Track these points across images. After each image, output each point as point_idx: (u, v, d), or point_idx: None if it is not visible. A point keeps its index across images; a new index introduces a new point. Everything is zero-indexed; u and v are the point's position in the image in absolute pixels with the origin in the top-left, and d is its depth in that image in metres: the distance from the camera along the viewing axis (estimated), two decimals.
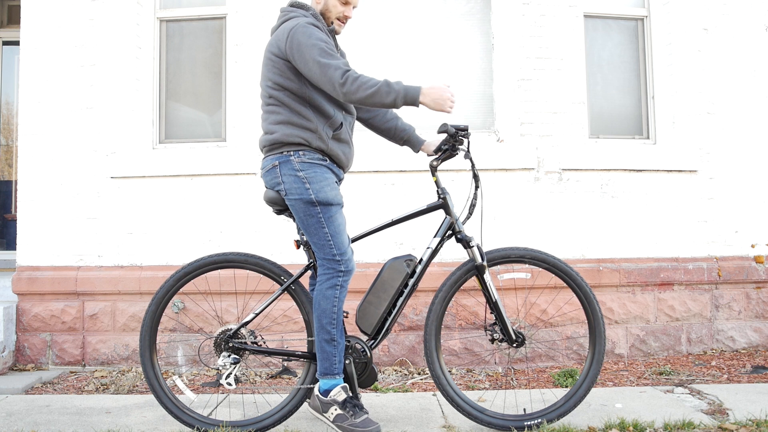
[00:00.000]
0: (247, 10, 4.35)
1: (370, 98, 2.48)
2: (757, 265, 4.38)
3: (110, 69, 4.34)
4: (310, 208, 2.64)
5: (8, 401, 3.41)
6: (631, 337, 4.25)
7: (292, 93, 2.65)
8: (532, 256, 2.80)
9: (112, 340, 4.21)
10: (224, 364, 2.72)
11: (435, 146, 2.87)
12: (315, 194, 2.63)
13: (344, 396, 2.65)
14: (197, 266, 2.80)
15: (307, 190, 2.63)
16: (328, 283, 2.65)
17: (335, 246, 2.65)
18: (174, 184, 4.29)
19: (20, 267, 4.30)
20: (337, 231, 2.66)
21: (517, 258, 2.81)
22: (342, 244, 2.66)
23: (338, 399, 2.64)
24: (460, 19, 4.54)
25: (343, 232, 2.68)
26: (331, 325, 2.63)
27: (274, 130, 2.68)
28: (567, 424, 2.76)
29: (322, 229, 2.64)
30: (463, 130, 2.73)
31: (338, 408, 2.63)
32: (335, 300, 2.64)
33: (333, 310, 2.64)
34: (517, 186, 4.30)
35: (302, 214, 2.66)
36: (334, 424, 2.65)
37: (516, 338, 2.78)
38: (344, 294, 2.67)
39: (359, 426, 2.60)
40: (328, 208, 2.65)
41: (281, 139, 2.66)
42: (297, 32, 2.57)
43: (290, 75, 2.63)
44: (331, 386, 2.67)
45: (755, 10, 4.51)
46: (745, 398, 3.22)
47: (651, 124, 4.57)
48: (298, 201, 2.65)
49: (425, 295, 4.10)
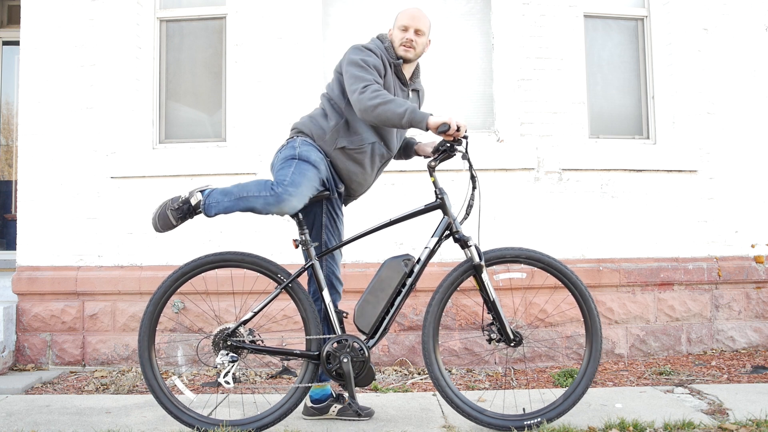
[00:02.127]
0: (247, 10, 4.35)
1: (382, 106, 2.61)
2: (757, 265, 4.38)
3: (110, 69, 4.34)
4: (288, 159, 2.76)
5: (8, 401, 3.41)
6: (631, 337, 4.25)
7: (332, 101, 2.88)
8: (527, 255, 2.80)
9: (112, 340, 4.21)
10: (222, 363, 2.72)
11: (431, 147, 2.89)
12: (299, 154, 2.76)
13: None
14: (194, 266, 2.79)
15: (294, 150, 2.79)
16: (264, 185, 2.70)
17: (289, 176, 2.67)
18: (174, 184, 4.28)
19: (20, 267, 4.30)
20: (299, 173, 2.69)
21: (513, 258, 2.81)
22: (296, 184, 2.66)
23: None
24: (460, 19, 4.54)
25: (303, 183, 2.69)
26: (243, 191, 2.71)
27: (301, 121, 2.95)
28: (567, 424, 2.76)
29: (289, 168, 2.72)
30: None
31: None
32: (257, 196, 2.68)
33: (248, 191, 2.71)
34: (517, 186, 4.30)
35: (278, 163, 2.78)
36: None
37: (514, 338, 2.77)
38: (258, 203, 2.68)
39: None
40: (304, 162, 2.73)
41: (298, 126, 2.93)
42: (349, 50, 2.83)
43: (336, 87, 2.88)
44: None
45: (755, 10, 4.51)
46: (745, 398, 3.21)
47: (651, 124, 4.57)
48: (279, 156, 2.83)
49: (425, 294, 4.10)
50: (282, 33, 4.32)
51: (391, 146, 2.94)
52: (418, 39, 2.85)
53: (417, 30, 2.84)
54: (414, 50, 2.86)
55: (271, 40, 4.32)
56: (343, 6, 4.51)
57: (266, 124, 4.29)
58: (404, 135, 3.07)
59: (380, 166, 2.97)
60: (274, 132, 4.28)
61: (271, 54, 4.31)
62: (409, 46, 2.84)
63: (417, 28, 2.84)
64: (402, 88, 2.93)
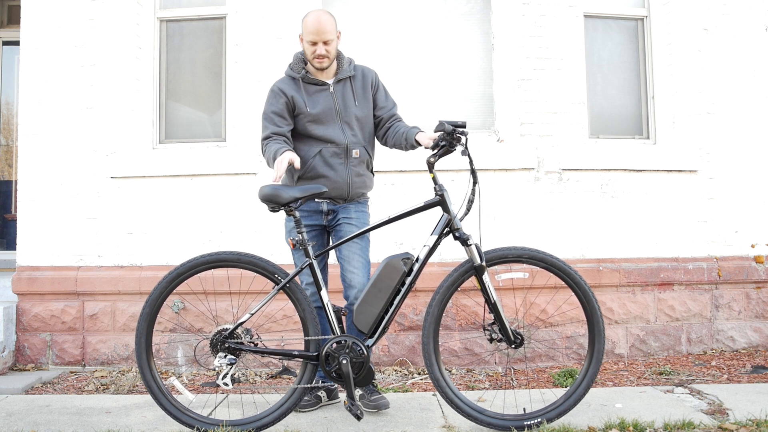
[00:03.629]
0: (247, 10, 4.35)
1: (265, 156, 2.98)
2: (757, 265, 4.38)
3: (110, 69, 4.34)
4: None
5: (8, 401, 3.41)
6: (631, 337, 4.25)
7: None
8: (530, 255, 2.79)
9: (112, 340, 4.21)
10: (220, 365, 2.70)
11: (431, 140, 2.84)
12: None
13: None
14: (189, 267, 2.77)
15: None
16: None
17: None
18: (174, 184, 4.29)
19: (20, 267, 4.30)
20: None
21: (515, 258, 2.79)
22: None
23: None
24: (460, 19, 4.54)
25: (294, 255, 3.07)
26: None
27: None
28: (567, 424, 2.76)
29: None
30: (461, 127, 2.70)
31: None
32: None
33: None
34: (517, 186, 4.30)
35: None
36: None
37: (515, 339, 2.77)
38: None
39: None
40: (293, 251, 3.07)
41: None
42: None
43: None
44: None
45: (755, 10, 4.51)
46: (745, 398, 3.21)
47: (651, 124, 4.57)
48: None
49: (425, 294, 4.10)
50: (282, 33, 4.32)
51: (337, 139, 3.02)
52: (329, 48, 2.97)
53: (325, 41, 2.95)
54: (328, 59, 3.00)
55: (271, 40, 4.32)
56: (343, 6, 4.51)
57: None
58: (355, 115, 3.08)
59: (344, 161, 3.03)
60: None
61: (271, 54, 4.31)
62: (323, 58, 2.98)
63: (324, 40, 2.94)
64: (321, 89, 3.04)
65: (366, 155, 3.11)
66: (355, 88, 3.09)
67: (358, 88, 3.10)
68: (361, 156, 3.07)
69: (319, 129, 3.01)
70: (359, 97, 3.09)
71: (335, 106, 3.03)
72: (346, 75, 3.08)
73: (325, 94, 3.04)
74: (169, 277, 2.77)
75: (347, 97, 3.06)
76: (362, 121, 3.09)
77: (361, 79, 3.12)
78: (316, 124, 3.01)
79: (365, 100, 3.11)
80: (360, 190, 3.11)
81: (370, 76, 3.15)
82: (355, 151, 3.05)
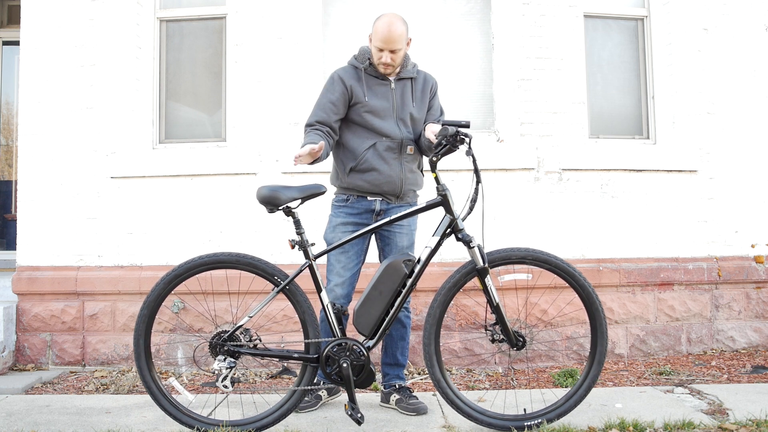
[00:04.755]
0: (247, 10, 4.35)
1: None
2: (757, 265, 4.38)
3: (110, 69, 4.34)
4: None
5: (8, 401, 3.41)
6: (631, 337, 4.25)
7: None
8: (533, 257, 2.77)
9: (112, 340, 4.21)
10: (220, 368, 2.67)
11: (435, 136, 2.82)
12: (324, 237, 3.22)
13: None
14: (187, 268, 2.74)
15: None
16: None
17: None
18: (174, 184, 4.29)
19: (20, 267, 4.30)
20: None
21: (519, 259, 2.77)
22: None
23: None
24: (460, 19, 4.54)
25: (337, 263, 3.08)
26: None
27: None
28: (567, 424, 2.76)
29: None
30: (465, 126, 2.68)
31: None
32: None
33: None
34: (517, 186, 4.30)
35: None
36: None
37: (516, 341, 2.76)
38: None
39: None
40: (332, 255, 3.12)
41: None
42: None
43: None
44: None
45: (755, 10, 4.51)
46: (745, 398, 3.21)
47: (651, 124, 4.57)
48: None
49: (425, 295, 4.10)
50: (282, 33, 4.32)
51: (393, 134, 3.02)
52: (395, 56, 2.98)
53: (392, 50, 2.95)
54: (392, 67, 3.02)
55: (271, 40, 4.32)
56: (343, 6, 4.51)
57: (266, 124, 4.29)
58: (411, 113, 3.09)
59: (398, 156, 3.04)
60: (274, 132, 4.28)
61: (271, 54, 4.31)
62: (387, 66, 3.00)
63: (392, 49, 2.95)
64: (382, 83, 3.05)
65: (418, 154, 3.15)
66: (414, 90, 3.12)
67: (418, 90, 3.13)
68: (414, 153, 3.10)
69: (375, 120, 3.01)
70: (417, 98, 3.11)
71: (393, 102, 3.05)
72: (408, 76, 3.10)
73: (385, 89, 3.06)
74: (167, 279, 2.75)
75: (406, 96, 3.09)
76: (416, 121, 3.12)
77: (422, 82, 3.15)
78: (373, 116, 3.02)
79: (422, 103, 3.13)
80: (412, 187, 3.13)
81: (431, 81, 3.19)
82: (409, 147, 3.07)
